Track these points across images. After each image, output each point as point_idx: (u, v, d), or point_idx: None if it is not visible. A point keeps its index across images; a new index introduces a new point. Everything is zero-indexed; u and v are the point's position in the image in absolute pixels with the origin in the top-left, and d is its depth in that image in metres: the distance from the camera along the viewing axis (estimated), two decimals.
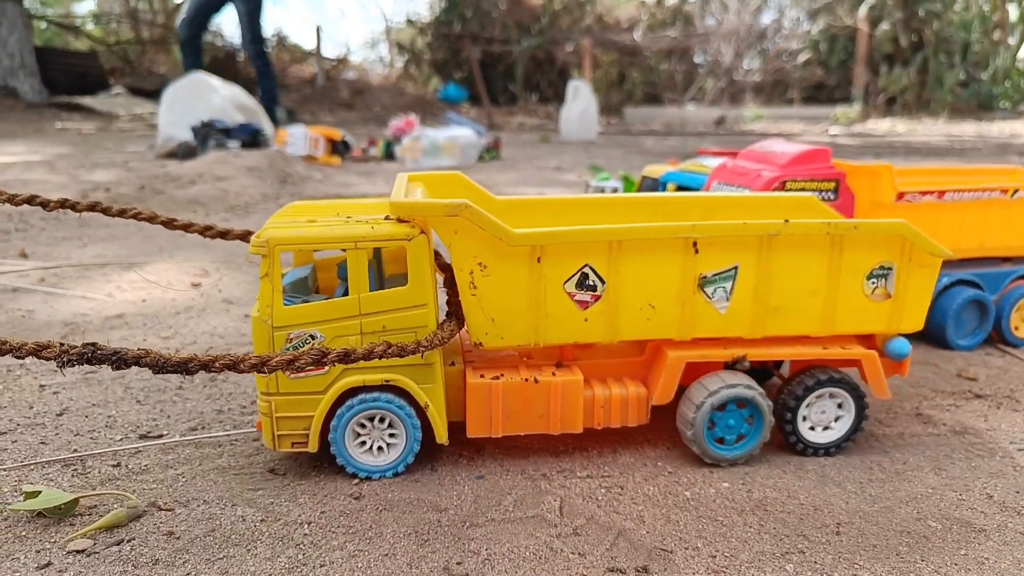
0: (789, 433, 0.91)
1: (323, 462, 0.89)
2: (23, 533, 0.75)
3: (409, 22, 9.92)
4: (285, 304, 0.80)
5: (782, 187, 1.18)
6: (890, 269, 0.89)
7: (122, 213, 0.99)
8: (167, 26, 8.87)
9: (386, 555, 0.72)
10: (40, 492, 0.77)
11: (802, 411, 0.90)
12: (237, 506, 0.80)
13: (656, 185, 1.77)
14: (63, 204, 0.95)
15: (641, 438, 0.96)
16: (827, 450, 0.91)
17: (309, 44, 10.56)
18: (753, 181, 1.20)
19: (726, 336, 0.89)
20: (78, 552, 0.71)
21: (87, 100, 7.16)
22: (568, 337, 0.86)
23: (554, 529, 0.76)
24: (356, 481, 0.85)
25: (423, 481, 0.85)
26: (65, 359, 0.66)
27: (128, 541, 0.73)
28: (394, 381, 0.83)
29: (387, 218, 0.83)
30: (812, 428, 0.91)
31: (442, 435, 0.85)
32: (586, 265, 0.84)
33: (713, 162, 1.50)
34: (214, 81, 4.40)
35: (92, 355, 0.67)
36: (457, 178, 1.07)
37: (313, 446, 0.83)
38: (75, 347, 0.67)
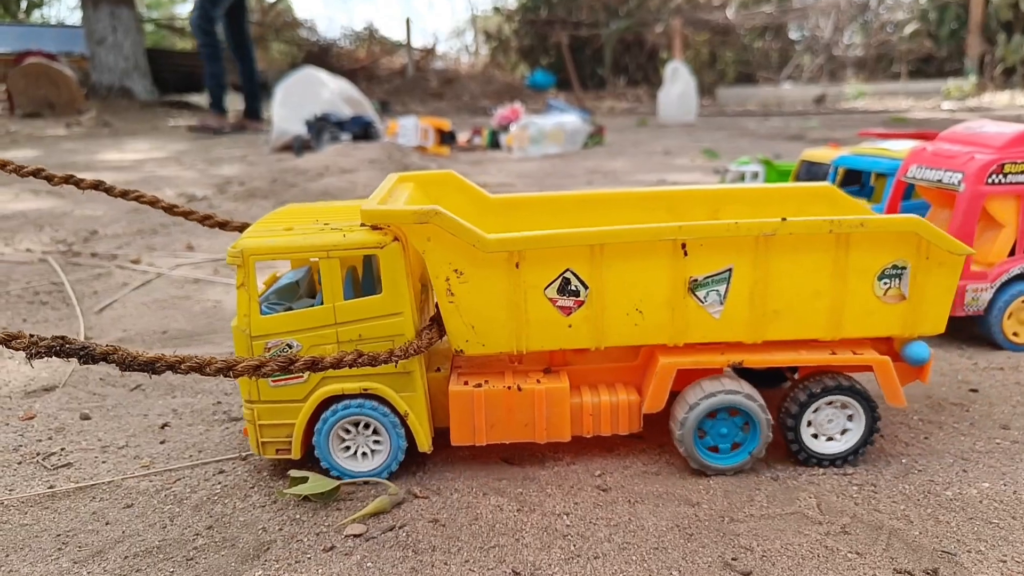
0: (791, 441, 0.85)
1: (558, 451, 0.89)
2: (297, 516, 0.78)
3: (496, 9, 9.93)
4: (265, 312, 0.80)
5: (1000, 171, 1.11)
6: (904, 269, 0.82)
7: (124, 195, 0.99)
8: (262, 23, 9.17)
9: (656, 548, 0.71)
10: (307, 478, 0.81)
11: (806, 419, 0.85)
12: (488, 495, 0.81)
13: (819, 170, 1.70)
14: (67, 180, 0.97)
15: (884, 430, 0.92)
16: (834, 462, 0.85)
17: (398, 36, 10.70)
18: (965, 165, 1.13)
19: (722, 341, 0.84)
20: (355, 536, 0.74)
21: (194, 98, 7.49)
22: (552, 344, 0.83)
23: (820, 527, 0.74)
24: (598, 472, 0.85)
25: (663, 475, 0.85)
26: (33, 351, 0.66)
27: (400, 527, 0.75)
28: (372, 390, 0.82)
29: (363, 225, 0.81)
30: (816, 436, 0.85)
31: (424, 443, 0.84)
32: (567, 270, 0.80)
33: (900, 145, 1.43)
34: (323, 75, 4.52)
35: (60, 348, 0.66)
36: (449, 177, 1.04)
37: (296, 453, 0.83)
38: (44, 339, 0.67)
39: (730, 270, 0.81)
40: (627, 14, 9.05)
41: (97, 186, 0.98)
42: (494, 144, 4.26)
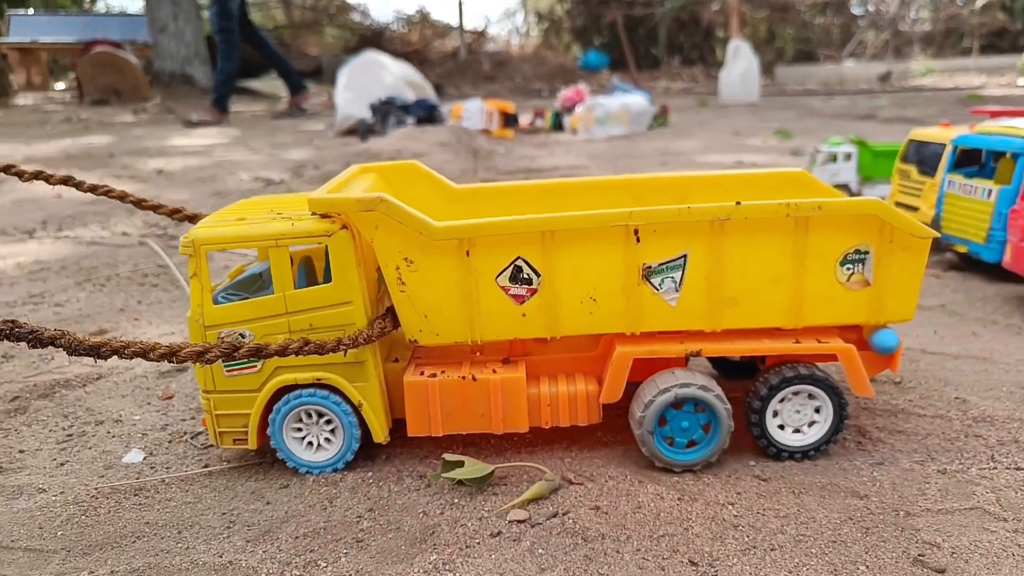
0: (758, 436, 0.83)
1: None
2: (455, 500, 0.78)
3: None
4: (221, 303, 0.80)
5: None
6: (867, 253, 0.78)
7: (93, 189, 0.99)
8: (315, 8, 9.23)
9: (834, 541, 0.69)
10: (462, 462, 0.80)
11: (771, 410, 0.82)
12: (645, 483, 0.80)
13: (929, 150, 1.63)
14: (37, 175, 0.96)
15: None
16: (804, 454, 0.82)
17: (449, 19, 10.65)
18: None
19: (680, 329, 0.81)
20: (519, 522, 0.73)
21: (252, 83, 7.59)
22: (506, 333, 0.81)
23: (1006, 523, 0.71)
24: (752, 462, 0.83)
25: (822, 465, 0.82)
26: None
27: (564, 514, 0.74)
28: (325, 379, 0.81)
29: (314, 214, 0.79)
30: (782, 428, 0.83)
31: (379, 434, 0.82)
32: (518, 258, 0.78)
33: None
34: (385, 59, 4.54)
35: (11, 332, 0.67)
36: (412, 167, 1.03)
37: (252, 443, 0.83)
38: None
39: (685, 256, 0.79)
40: None
41: (66, 181, 0.98)
42: (557, 126, 4.22)
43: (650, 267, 0.79)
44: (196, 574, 0.68)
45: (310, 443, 0.84)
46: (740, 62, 5.67)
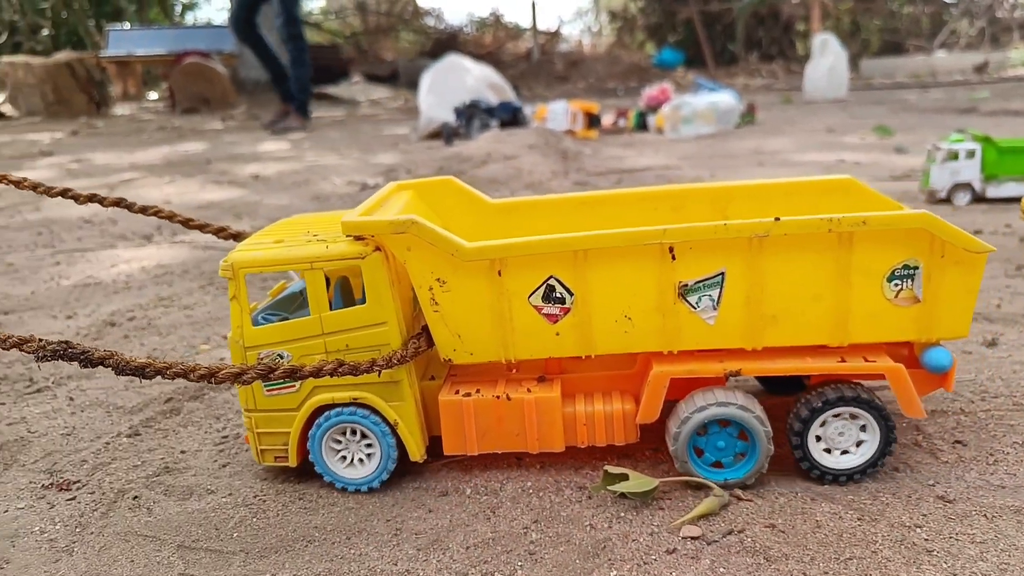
0: (800, 458, 0.79)
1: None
2: (620, 513, 0.76)
3: None
4: (261, 323, 0.82)
5: None
6: (916, 269, 0.75)
7: (144, 211, 1.04)
8: (391, 14, 9.40)
9: None
10: (626, 475, 0.79)
11: (814, 433, 0.78)
12: (818, 500, 0.76)
13: None
14: (92, 198, 1.02)
15: None
16: (850, 476, 0.78)
17: (521, 21, 10.67)
18: None
19: (719, 348, 0.78)
20: (693, 538, 0.71)
21: (331, 89, 7.80)
22: (540, 352, 0.80)
23: None
24: (931, 482, 0.78)
25: (1009, 487, 0.77)
26: (41, 354, 0.71)
27: (739, 532, 0.72)
28: (362, 399, 0.81)
29: (348, 236, 0.79)
30: (828, 451, 0.79)
31: (415, 452, 0.82)
32: (551, 277, 0.77)
33: None
34: (467, 62, 4.57)
35: (64, 352, 0.71)
36: (448, 183, 1.02)
37: (292, 460, 0.84)
38: (52, 343, 0.72)
39: (722, 274, 0.76)
40: None
41: (119, 203, 1.03)
42: (641, 126, 4.16)
43: (686, 285, 0.77)
44: None
45: (348, 458, 0.84)
46: (827, 56, 5.48)
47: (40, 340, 0.72)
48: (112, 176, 3.37)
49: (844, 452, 0.79)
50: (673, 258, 0.76)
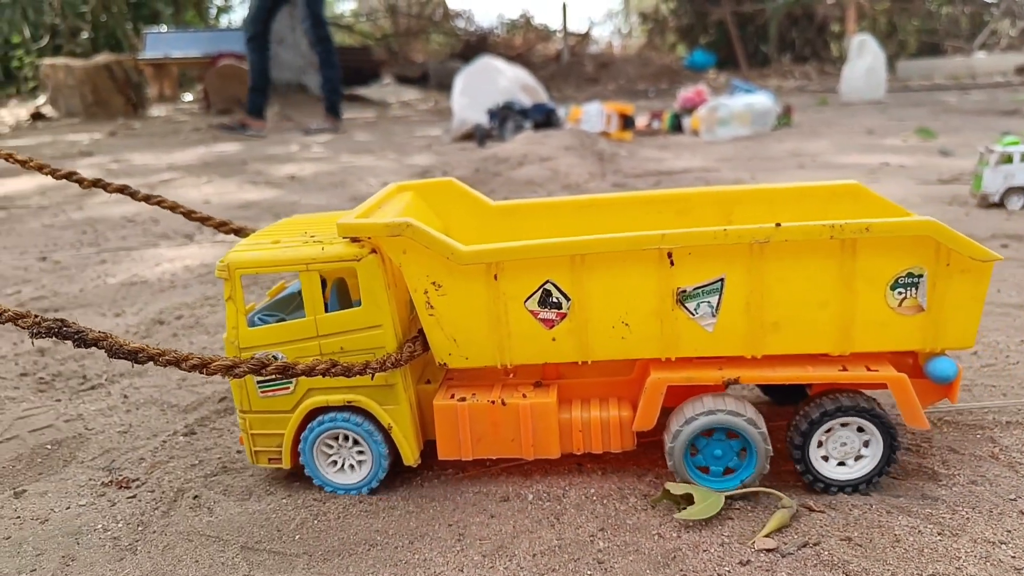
0: (802, 471, 0.77)
1: (949, 467, 0.81)
2: (688, 523, 0.74)
3: None
4: (258, 324, 0.82)
5: None
6: (920, 277, 0.73)
7: (147, 199, 1.02)
8: (421, 16, 9.45)
9: None
10: (690, 495, 0.76)
11: (815, 441, 0.77)
12: (894, 513, 0.74)
13: None
14: (95, 183, 1.02)
15: None
16: (854, 488, 0.77)
17: (551, 22, 10.65)
18: None
19: (718, 355, 0.77)
20: (768, 551, 0.69)
21: (363, 91, 7.85)
22: (536, 357, 0.79)
23: None
24: (1012, 496, 0.76)
25: None
26: (36, 330, 0.70)
27: (814, 544, 0.70)
28: (356, 402, 0.81)
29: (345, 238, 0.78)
30: (827, 459, 0.77)
31: (409, 457, 0.81)
32: (547, 281, 0.76)
33: None
34: (500, 63, 4.57)
35: (59, 330, 0.70)
36: (448, 185, 1.00)
37: (286, 463, 0.83)
38: (47, 320, 0.70)
39: (722, 280, 0.74)
40: None
41: (123, 190, 1.04)
42: (676, 127, 4.13)
43: (685, 291, 0.75)
44: None
45: (339, 463, 0.84)
46: (865, 57, 5.38)
47: (36, 316, 0.70)
48: (152, 176, 3.42)
49: (841, 464, 0.78)
50: (672, 263, 0.75)
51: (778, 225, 0.72)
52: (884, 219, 0.73)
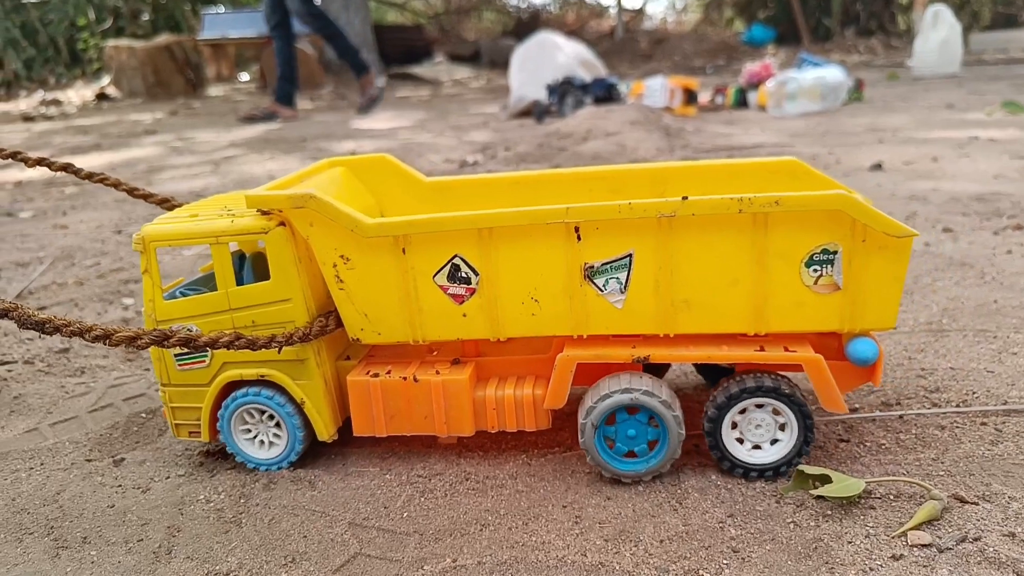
0: (714, 449, 0.75)
1: None
2: (825, 512, 0.69)
3: None
4: (175, 297, 0.81)
5: None
6: (835, 254, 0.70)
7: (90, 177, 1.00)
8: None
9: None
10: (827, 476, 0.71)
11: (728, 423, 0.74)
12: None
13: None
14: (40, 162, 0.99)
15: None
16: (761, 473, 0.74)
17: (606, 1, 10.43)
18: None
19: (631, 333, 0.74)
20: (923, 546, 0.63)
21: (416, 69, 7.83)
22: (449, 334, 0.78)
23: None
24: None
25: None
26: None
27: (974, 539, 0.64)
28: (269, 376, 0.80)
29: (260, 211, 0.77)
30: (740, 442, 0.75)
31: (323, 432, 0.81)
32: (456, 256, 0.74)
33: None
34: (558, 39, 4.48)
35: None
36: (383, 161, 0.98)
37: (205, 436, 0.84)
38: None
39: (630, 256, 0.72)
40: None
41: (67, 168, 1.01)
42: (741, 103, 3.99)
43: (592, 267, 0.73)
44: (567, 573, 0.64)
45: (259, 440, 0.83)
46: (940, 29, 5.12)
47: None
48: (215, 153, 3.45)
49: (756, 447, 0.75)
50: (579, 238, 0.72)
51: (685, 198, 0.69)
52: (795, 192, 0.69)
